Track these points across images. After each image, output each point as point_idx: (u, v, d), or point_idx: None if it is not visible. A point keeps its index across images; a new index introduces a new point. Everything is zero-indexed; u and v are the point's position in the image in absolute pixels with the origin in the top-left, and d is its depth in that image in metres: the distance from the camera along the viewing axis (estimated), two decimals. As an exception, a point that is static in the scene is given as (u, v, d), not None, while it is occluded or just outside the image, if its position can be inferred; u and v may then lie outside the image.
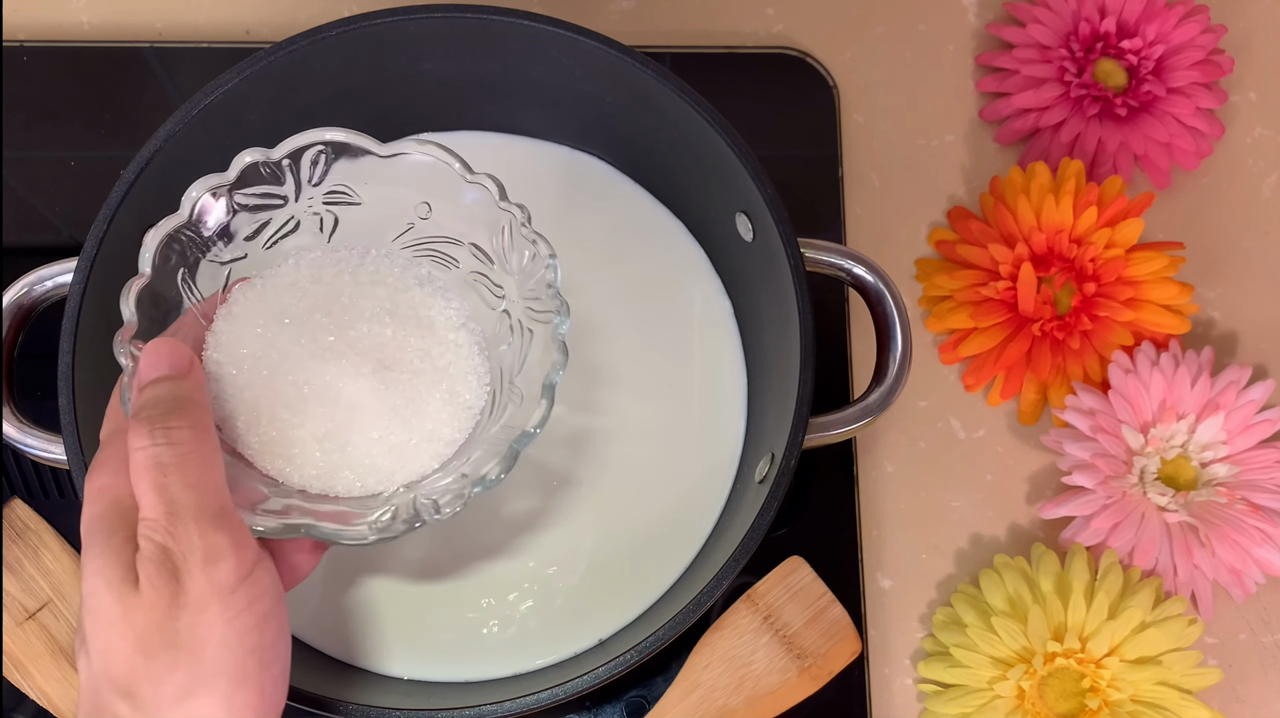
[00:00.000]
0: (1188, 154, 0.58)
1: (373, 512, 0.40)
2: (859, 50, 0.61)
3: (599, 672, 0.43)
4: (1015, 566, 0.52)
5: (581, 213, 0.55)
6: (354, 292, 0.42)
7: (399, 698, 0.48)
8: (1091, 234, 0.55)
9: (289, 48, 0.47)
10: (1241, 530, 0.51)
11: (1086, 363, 0.55)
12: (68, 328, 0.44)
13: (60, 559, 0.52)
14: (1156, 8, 0.58)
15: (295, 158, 0.41)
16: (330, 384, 0.41)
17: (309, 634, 0.49)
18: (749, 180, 0.46)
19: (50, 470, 0.54)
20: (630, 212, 0.55)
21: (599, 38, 0.47)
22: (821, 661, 0.51)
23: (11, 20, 0.60)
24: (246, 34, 0.60)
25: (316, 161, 0.41)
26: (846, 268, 0.48)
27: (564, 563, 0.51)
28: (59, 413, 0.44)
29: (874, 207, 0.59)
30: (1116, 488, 0.52)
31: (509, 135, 0.56)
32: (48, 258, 0.47)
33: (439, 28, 0.48)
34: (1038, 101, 0.58)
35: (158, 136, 0.46)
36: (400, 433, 0.41)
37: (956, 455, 0.57)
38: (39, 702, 0.51)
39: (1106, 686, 0.49)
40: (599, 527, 0.51)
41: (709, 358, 0.53)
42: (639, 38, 0.60)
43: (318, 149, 0.41)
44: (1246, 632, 0.55)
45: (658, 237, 0.55)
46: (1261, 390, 0.53)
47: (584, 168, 0.55)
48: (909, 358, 0.47)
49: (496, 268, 0.44)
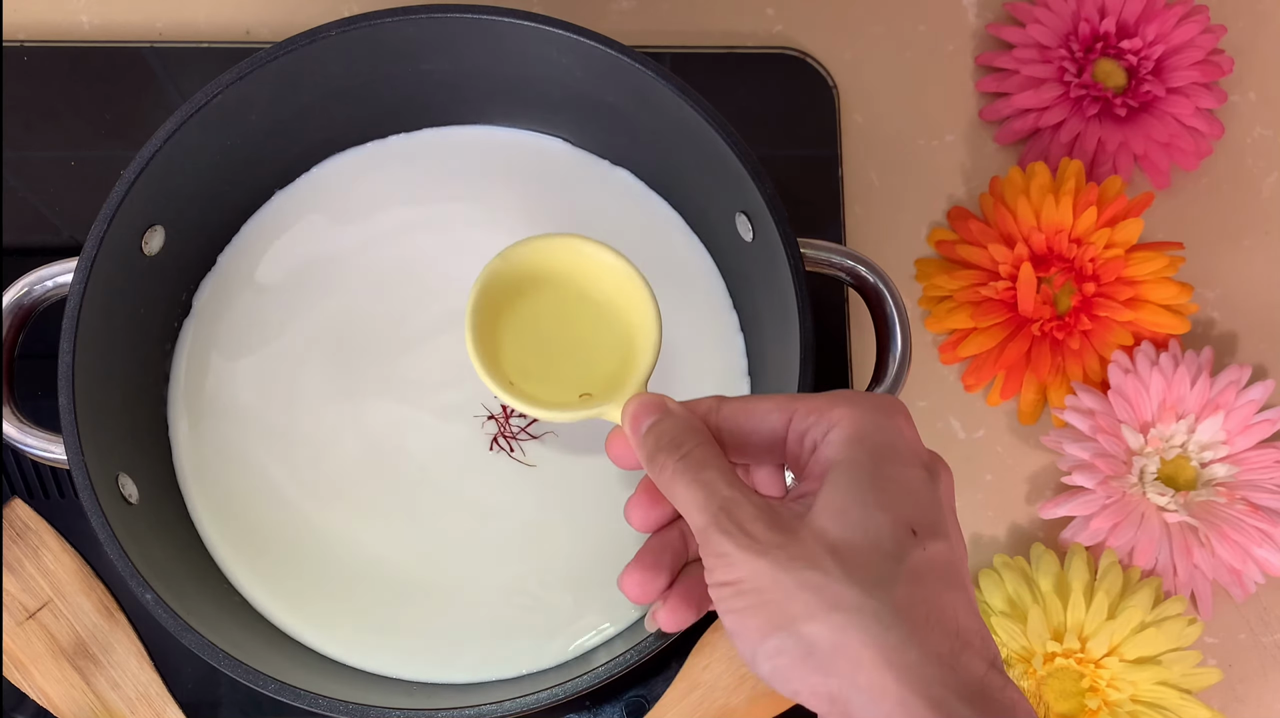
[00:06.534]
0: (1187, 154, 0.58)
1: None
2: (859, 50, 0.61)
3: (599, 672, 0.43)
4: (1015, 565, 0.52)
5: (582, 212, 0.55)
6: None
7: (399, 698, 0.48)
8: (1091, 234, 0.55)
9: (289, 48, 0.47)
10: (1241, 530, 0.51)
11: (1086, 363, 0.55)
12: (68, 328, 0.44)
13: (60, 559, 0.52)
14: (1156, 8, 0.58)
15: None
16: None
17: (309, 635, 0.50)
18: (749, 180, 0.46)
19: (50, 470, 0.54)
20: (630, 211, 0.55)
21: (599, 38, 0.47)
22: (821, 660, 0.51)
23: (11, 20, 0.60)
24: (247, 34, 0.60)
25: None
26: (846, 268, 0.48)
27: (564, 563, 0.51)
28: (59, 413, 0.44)
29: (874, 207, 0.60)
30: (1116, 488, 0.52)
31: (509, 130, 0.56)
32: (48, 258, 0.47)
33: (439, 28, 0.48)
34: (1037, 102, 0.58)
35: (158, 137, 0.46)
36: None
37: (956, 455, 0.57)
38: (39, 701, 0.51)
39: (1106, 685, 0.49)
40: (599, 527, 0.51)
41: (709, 357, 0.53)
42: (639, 38, 0.60)
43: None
44: (1246, 632, 0.55)
45: (658, 236, 0.55)
46: (1261, 390, 0.53)
47: (584, 167, 0.55)
48: (909, 358, 0.47)
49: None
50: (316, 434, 0.52)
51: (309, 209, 0.54)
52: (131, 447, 0.48)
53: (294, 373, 0.52)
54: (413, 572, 0.51)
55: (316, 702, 0.42)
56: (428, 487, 0.51)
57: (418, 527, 0.51)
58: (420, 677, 0.49)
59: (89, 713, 0.51)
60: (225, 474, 0.51)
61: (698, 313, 0.54)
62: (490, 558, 0.51)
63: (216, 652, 0.42)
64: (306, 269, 0.54)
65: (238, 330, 0.53)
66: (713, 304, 0.54)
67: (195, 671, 0.52)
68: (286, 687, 0.42)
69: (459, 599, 0.50)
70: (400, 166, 0.55)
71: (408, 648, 0.50)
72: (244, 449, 0.51)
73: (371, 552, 0.51)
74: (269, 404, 0.52)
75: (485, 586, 0.51)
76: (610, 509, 0.52)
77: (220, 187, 0.51)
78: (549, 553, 0.51)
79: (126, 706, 0.51)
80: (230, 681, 0.44)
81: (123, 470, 0.46)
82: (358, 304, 0.53)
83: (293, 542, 0.51)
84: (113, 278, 0.46)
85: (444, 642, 0.50)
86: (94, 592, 0.52)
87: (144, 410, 0.50)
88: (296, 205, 0.54)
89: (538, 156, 0.55)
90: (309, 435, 0.52)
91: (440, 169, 0.55)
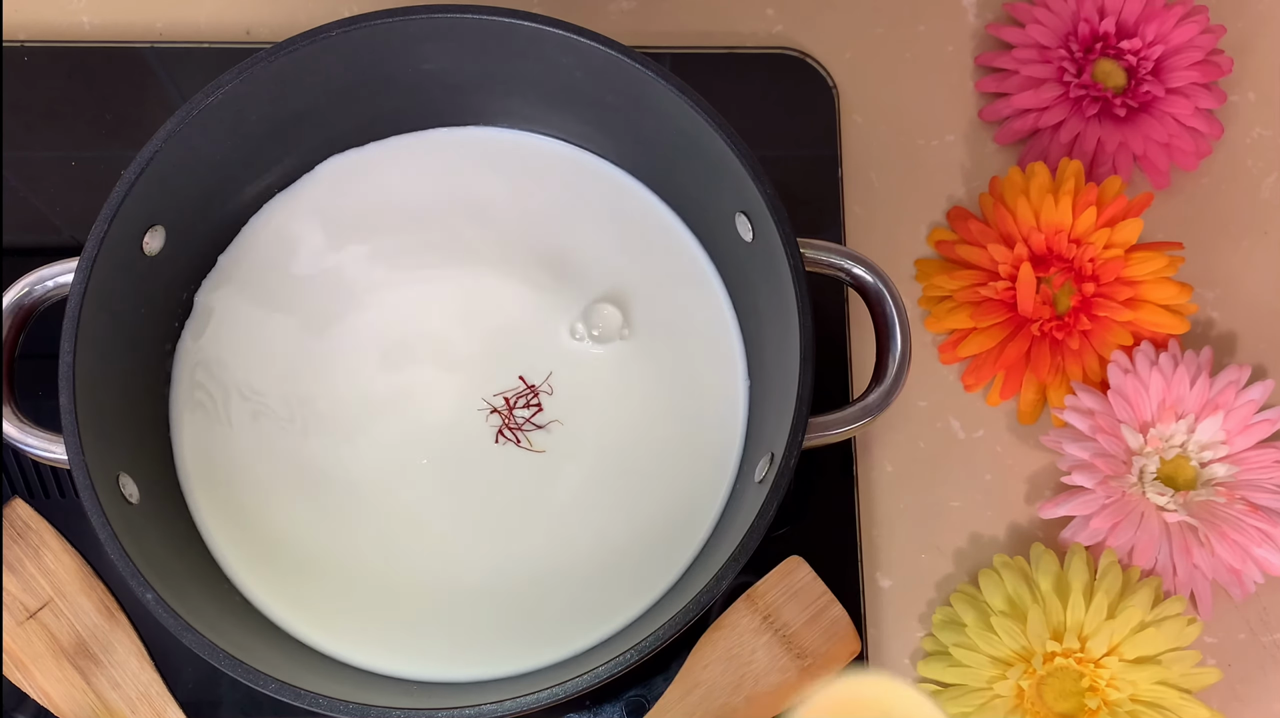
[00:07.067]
0: (1187, 154, 0.58)
1: None
2: (859, 51, 0.62)
3: (599, 671, 0.43)
4: (1014, 565, 0.52)
5: (581, 212, 0.55)
6: None
7: (399, 698, 0.48)
8: (1091, 234, 0.55)
9: (289, 48, 0.47)
10: (1240, 530, 0.51)
11: (1086, 363, 0.55)
12: (69, 328, 0.44)
13: (61, 559, 0.52)
14: (1156, 8, 0.58)
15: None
16: None
17: (310, 634, 0.50)
18: (749, 180, 0.46)
19: (51, 470, 0.54)
20: (630, 211, 0.55)
21: (599, 38, 0.47)
22: (821, 660, 0.51)
23: (12, 20, 0.60)
24: (247, 34, 0.60)
25: None
26: (846, 268, 0.48)
27: (563, 563, 0.51)
28: (60, 413, 0.44)
29: (874, 207, 0.60)
30: (1115, 488, 0.52)
31: (509, 131, 0.56)
32: (49, 258, 0.47)
33: (439, 28, 0.48)
34: (1037, 102, 0.58)
35: (158, 137, 0.46)
36: None
37: (956, 455, 0.57)
38: (40, 701, 0.51)
39: (1105, 685, 0.49)
40: (599, 526, 0.51)
41: (708, 358, 0.54)
42: (639, 38, 0.60)
43: None
44: (1246, 631, 0.55)
45: (657, 236, 0.55)
46: (1260, 390, 0.53)
47: (584, 167, 0.55)
48: (908, 358, 0.47)
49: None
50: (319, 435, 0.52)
51: (310, 209, 0.54)
52: (132, 446, 0.48)
53: (296, 373, 0.52)
54: (414, 571, 0.51)
55: (317, 701, 0.42)
56: (429, 486, 0.52)
57: (419, 526, 0.51)
58: (421, 676, 0.49)
59: (89, 713, 0.51)
60: (227, 474, 0.51)
61: (697, 313, 0.54)
62: (491, 557, 0.51)
63: (217, 651, 0.42)
64: (308, 269, 0.54)
65: (239, 330, 0.53)
66: (712, 304, 0.54)
67: (196, 670, 0.52)
68: (287, 686, 0.42)
69: (459, 598, 0.50)
70: (401, 168, 0.55)
71: (408, 647, 0.50)
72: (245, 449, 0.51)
73: (373, 551, 0.51)
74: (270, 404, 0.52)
75: (486, 584, 0.51)
76: (611, 509, 0.52)
77: (221, 187, 0.51)
78: (550, 552, 0.51)
79: (127, 705, 0.51)
80: (231, 680, 0.44)
81: (123, 470, 0.46)
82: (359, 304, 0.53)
83: (294, 541, 0.51)
84: (113, 278, 0.46)
85: (444, 641, 0.50)
86: (94, 591, 0.52)
87: (145, 410, 0.50)
88: (297, 206, 0.54)
89: (537, 157, 0.55)
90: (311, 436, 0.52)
91: (441, 170, 0.55)
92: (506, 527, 0.51)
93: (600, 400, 0.53)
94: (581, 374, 0.53)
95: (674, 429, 0.52)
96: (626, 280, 0.54)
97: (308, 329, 0.53)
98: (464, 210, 0.55)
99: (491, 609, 0.50)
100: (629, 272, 0.54)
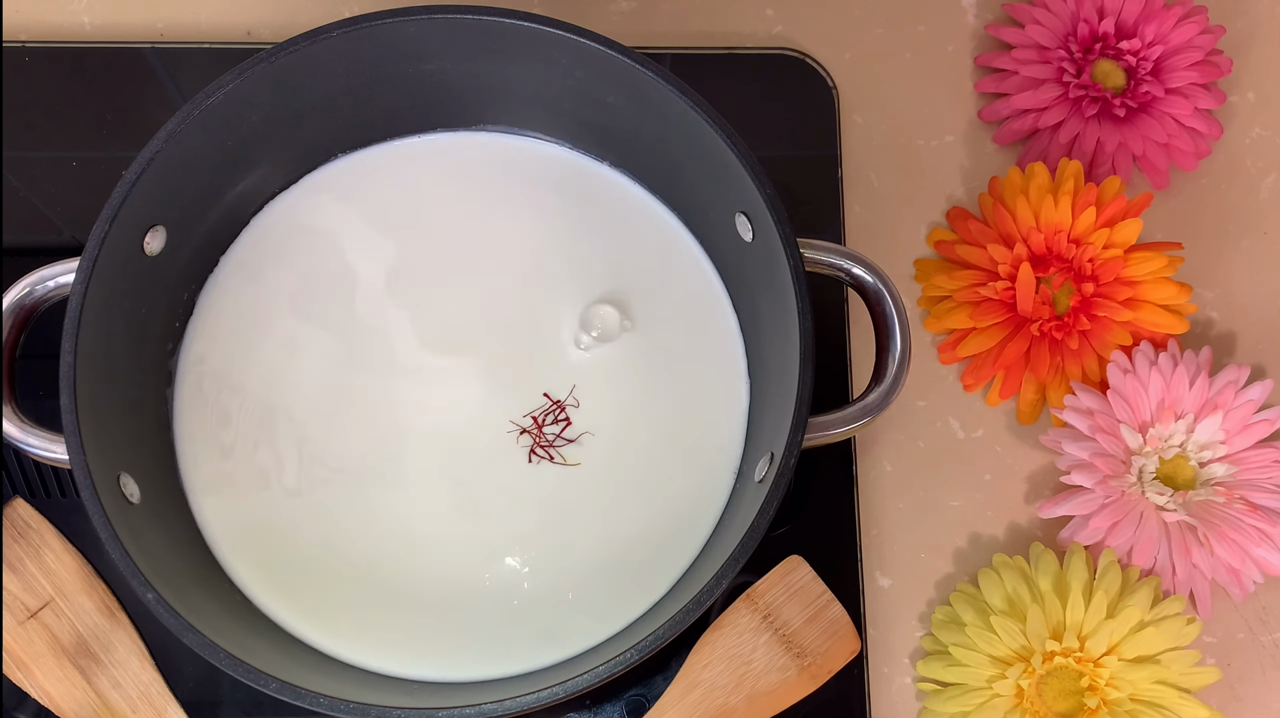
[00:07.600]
0: (1186, 154, 0.58)
1: None
2: (859, 51, 0.62)
3: (599, 671, 0.43)
4: (1014, 565, 0.52)
5: (581, 212, 0.55)
6: None
7: (399, 698, 0.48)
8: (1090, 234, 0.55)
9: (290, 49, 0.47)
10: (1240, 530, 0.51)
11: (1085, 363, 0.55)
12: (69, 328, 0.44)
13: (62, 558, 0.52)
14: (1155, 8, 0.59)
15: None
16: None
17: (311, 633, 0.50)
18: (749, 180, 0.46)
19: (52, 470, 0.54)
20: (630, 211, 0.55)
21: (599, 38, 0.47)
22: (821, 659, 0.51)
23: (12, 20, 0.60)
24: (248, 35, 0.60)
25: None
26: (846, 268, 0.48)
27: (563, 563, 0.51)
28: (60, 413, 0.44)
29: (873, 207, 0.60)
30: (1115, 487, 0.52)
31: (509, 135, 0.56)
32: (49, 258, 0.47)
33: (439, 28, 0.48)
34: (1036, 102, 0.58)
35: (159, 137, 0.46)
36: None
37: (955, 455, 0.57)
38: (40, 701, 0.51)
39: (1105, 684, 0.49)
40: (598, 526, 0.51)
41: (708, 357, 0.54)
42: (639, 38, 0.60)
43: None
44: (1245, 631, 0.55)
45: (657, 236, 0.55)
46: (1260, 390, 0.53)
47: (584, 168, 0.56)
48: (908, 358, 0.47)
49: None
50: (320, 435, 0.52)
51: (310, 210, 0.54)
52: (133, 446, 0.48)
53: (297, 373, 0.52)
54: (414, 572, 0.51)
55: (318, 701, 0.42)
56: (431, 486, 0.52)
57: (420, 525, 0.51)
58: (421, 675, 0.49)
59: (90, 712, 0.51)
60: (228, 473, 0.51)
61: (697, 313, 0.54)
62: (491, 557, 0.51)
63: (218, 651, 0.42)
64: (309, 269, 0.54)
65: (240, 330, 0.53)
66: (712, 304, 0.54)
67: (197, 670, 0.52)
68: (288, 686, 0.42)
69: (460, 598, 0.50)
70: (402, 171, 0.55)
71: (409, 647, 0.50)
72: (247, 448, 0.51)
73: (374, 550, 0.51)
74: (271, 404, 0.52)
75: (486, 584, 0.51)
76: (610, 509, 0.52)
77: (221, 187, 0.51)
78: (550, 552, 0.51)
79: (128, 705, 0.51)
80: (232, 680, 0.44)
81: (124, 470, 0.46)
82: (360, 304, 0.53)
83: (295, 541, 0.51)
84: (114, 278, 0.46)
85: (445, 640, 0.50)
86: (95, 591, 0.52)
87: (146, 410, 0.50)
88: (298, 207, 0.54)
89: (536, 159, 0.55)
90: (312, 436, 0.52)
91: (441, 172, 0.55)
92: (506, 527, 0.51)
93: (600, 402, 0.53)
94: (581, 376, 0.53)
95: (674, 429, 0.53)
96: (627, 282, 0.54)
97: (308, 329, 0.53)
98: (464, 214, 0.55)
99: (492, 609, 0.50)
100: (629, 273, 0.54)
